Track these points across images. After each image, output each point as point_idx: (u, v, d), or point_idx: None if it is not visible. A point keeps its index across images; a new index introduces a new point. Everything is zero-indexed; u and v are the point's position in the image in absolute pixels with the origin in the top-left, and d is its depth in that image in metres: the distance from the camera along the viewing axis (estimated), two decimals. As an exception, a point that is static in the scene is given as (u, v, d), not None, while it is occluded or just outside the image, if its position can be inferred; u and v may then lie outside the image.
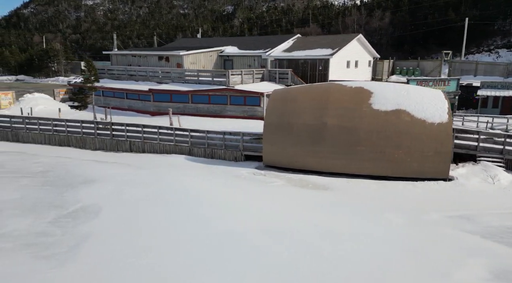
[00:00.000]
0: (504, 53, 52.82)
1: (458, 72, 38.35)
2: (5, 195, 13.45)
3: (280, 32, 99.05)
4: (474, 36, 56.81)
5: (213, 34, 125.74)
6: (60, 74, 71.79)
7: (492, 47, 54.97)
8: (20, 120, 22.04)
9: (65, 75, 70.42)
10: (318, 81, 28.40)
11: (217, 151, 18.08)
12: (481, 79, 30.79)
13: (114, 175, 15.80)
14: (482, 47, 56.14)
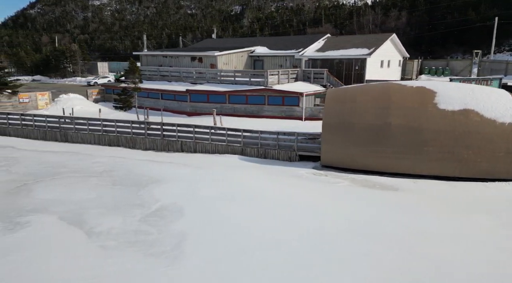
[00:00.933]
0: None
1: (488, 71, 38.42)
2: (82, 194, 13.71)
3: (292, 33, 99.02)
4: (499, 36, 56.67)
5: (223, 35, 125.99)
6: (77, 75, 72.26)
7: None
8: (69, 120, 22.35)
9: (81, 76, 70.93)
10: (354, 81, 28.55)
11: (270, 151, 18.28)
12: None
13: (178, 174, 16.05)
14: (504, 46, 55.99)
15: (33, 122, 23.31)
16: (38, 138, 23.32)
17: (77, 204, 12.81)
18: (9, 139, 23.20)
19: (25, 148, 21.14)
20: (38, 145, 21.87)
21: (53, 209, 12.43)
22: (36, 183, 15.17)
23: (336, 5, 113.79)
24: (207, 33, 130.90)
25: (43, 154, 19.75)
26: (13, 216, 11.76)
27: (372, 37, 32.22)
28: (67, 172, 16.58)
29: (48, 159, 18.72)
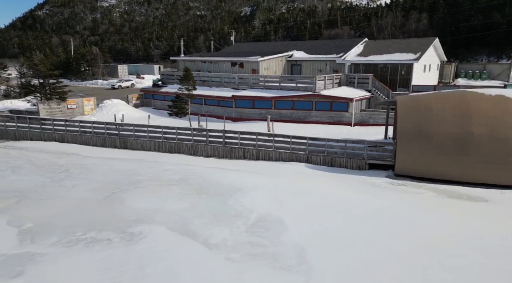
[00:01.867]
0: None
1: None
2: (175, 204, 13.93)
3: (308, 34, 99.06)
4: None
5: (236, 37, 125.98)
6: (97, 77, 72.71)
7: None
8: (130, 127, 22.63)
9: (102, 78, 71.37)
10: (399, 85, 28.66)
11: (338, 159, 18.43)
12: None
13: (256, 183, 16.24)
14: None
15: (92, 129, 23.61)
16: (97, 144, 23.63)
17: (176, 214, 13.04)
18: (69, 145, 23.53)
19: (90, 155, 21.44)
20: (101, 152, 22.15)
21: (157, 219, 12.67)
22: (123, 192, 15.40)
23: (350, 7, 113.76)
24: (219, 34, 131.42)
25: (111, 161, 20.03)
26: (124, 227, 12.00)
27: (414, 41, 32.27)
28: (145, 180, 16.81)
29: (119, 167, 18.98)
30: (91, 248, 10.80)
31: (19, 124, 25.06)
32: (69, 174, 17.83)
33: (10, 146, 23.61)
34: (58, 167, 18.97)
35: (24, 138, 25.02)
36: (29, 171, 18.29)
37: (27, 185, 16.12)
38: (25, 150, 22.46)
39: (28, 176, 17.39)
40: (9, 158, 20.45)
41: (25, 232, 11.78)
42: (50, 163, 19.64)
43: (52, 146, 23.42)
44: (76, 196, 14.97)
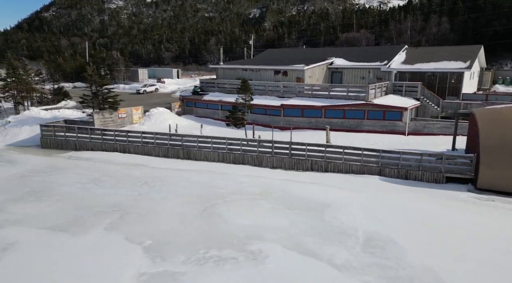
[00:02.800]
0: None
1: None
2: (274, 220, 14.21)
3: (323, 37, 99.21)
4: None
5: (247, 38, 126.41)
6: (117, 82, 72.95)
7: None
8: (194, 138, 22.95)
9: (124, 83, 71.74)
10: (448, 94, 28.94)
11: (413, 172, 18.69)
12: None
13: (342, 198, 16.51)
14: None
15: (154, 140, 23.94)
16: (160, 155, 23.97)
17: (283, 231, 13.35)
18: (132, 156, 23.87)
19: (158, 166, 21.75)
20: (167, 163, 22.47)
21: (267, 236, 13.00)
22: (214, 206, 15.72)
23: (363, 9, 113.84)
24: (230, 37, 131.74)
25: (183, 173, 20.33)
26: (239, 244, 12.35)
27: (458, 49, 32.51)
28: (229, 194, 17.12)
29: (194, 179, 19.29)
30: (222, 267, 11.14)
31: (79, 134, 25.40)
32: (151, 187, 18.15)
33: (75, 156, 23.96)
34: (136, 180, 19.28)
35: (85, 149, 25.38)
36: (111, 184, 18.61)
37: (120, 199, 16.44)
38: (92, 161, 22.79)
39: (114, 190, 17.71)
40: (83, 170, 20.77)
41: (149, 249, 12.11)
42: (126, 175, 19.95)
43: (117, 157, 23.76)
44: (172, 211, 15.28)
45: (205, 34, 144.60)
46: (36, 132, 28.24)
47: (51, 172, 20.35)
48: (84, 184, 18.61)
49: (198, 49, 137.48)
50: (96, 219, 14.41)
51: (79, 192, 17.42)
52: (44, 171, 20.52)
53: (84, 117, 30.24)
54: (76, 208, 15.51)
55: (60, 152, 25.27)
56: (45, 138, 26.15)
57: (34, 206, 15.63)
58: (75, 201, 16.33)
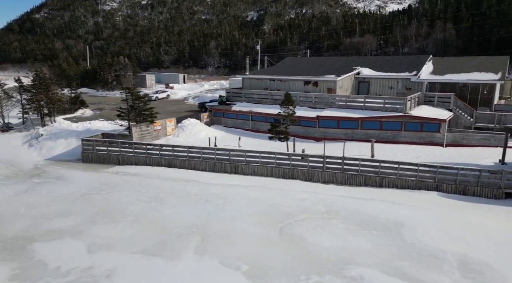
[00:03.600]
0: None
1: None
2: (357, 242, 14.43)
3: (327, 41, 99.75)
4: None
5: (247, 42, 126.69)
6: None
7: None
8: (242, 153, 23.06)
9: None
10: (480, 104, 29.56)
11: (471, 187, 19.10)
12: None
13: (409, 216, 16.73)
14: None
15: (201, 155, 23.97)
16: (206, 169, 24.00)
17: (372, 255, 13.59)
18: (180, 171, 23.83)
19: (210, 181, 21.79)
20: (217, 178, 22.50)
21: (360, 260, 13.20)
22: (290, 226, 15.95)
23: (364, 14, 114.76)
24: (230, 40, 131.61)
25: (239, 189, 20.39)
26: (335, 269, 12.91)
27: (486, 60, 33.16)
28: (297, 212, 17.30)
29: (254, 196, 19.40)
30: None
31: (122, 149, 25.27)
32: (215, 206, 18.20)
33: (121, 172, 23.81)
34: (196, 197, 19.31)
35: (128, 163, 25.27)
36: (174, 202, 18.60)
37: (192, 220, 16.49)
38: (141, 176, 22.70)
39: (180, 209, 17.72)
40: (138, 187, 20.70)
41: (249, 275, 12.26)
42: (184, 193, 19.95)
43: (164, 172, 23.70)
44: (250, 232, 15.40)
45: (204, 37, 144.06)
46: (72, 146, 28.04)
47: (108, 189, 20.25)
48: (148, 202, 18.59)
49: (198, 52, 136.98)
50: (181, 242, 14.45)
51: (148, 212, 17.39)
52: (101, 188, 20.40)
53: (118, 129, 30.06)
54: (155, 230, 15.51)
55: (103, 167, 25.09)
56: (86, 152, 25.95)
57: (113, 228, 15.59)
58: (150, 222, 16.33)
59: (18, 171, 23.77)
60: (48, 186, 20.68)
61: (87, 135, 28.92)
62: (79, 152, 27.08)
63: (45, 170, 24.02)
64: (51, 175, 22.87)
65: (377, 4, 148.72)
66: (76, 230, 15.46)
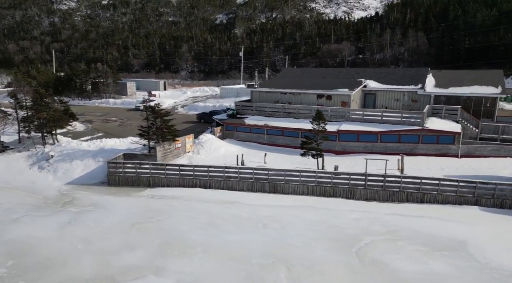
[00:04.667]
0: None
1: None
2: (439, 267, 15.02)
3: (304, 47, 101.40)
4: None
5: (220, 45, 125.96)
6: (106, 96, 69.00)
7: (532, 67, 61.73)
8: (281, 172, 23.11)
9: (113, 97, 68.18)
10: (483, 116, 31.70)
11: (507, 201, 20.54)
12: None
13: (468, 234, 17.67)
14: (522, 66, 62.72)
15: (238, 174, 23.67)
16: (244, 189, 23.75)
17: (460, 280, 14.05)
18: (217, 192, 23.38)
19: (254, 203, 21.64)
20: (259, 198, 22.43)
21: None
22: (364, 251, 16.26)
23: (335, 20, 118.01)
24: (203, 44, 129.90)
25: (288, 210, 20.47)
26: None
27: (484, 73, 35.52)
28: (360, 235, 17.67)
29: (307, 217, 19.64)
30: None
31: (153, 170, 24.33)
32: (275, 230, 18.19)
33: (157, 195, 22.90)
34: (250, 221, 19.15)
35: (160, 185, 24.40)
36: (231, 228, 18.34)
37: (262, 248, 16.50)
38: (181, 200, 22.03)
39: (243, 235, 17.56)
40: (185, 212, 20.11)
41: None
42: (235, 217, 19.71)
43: (202, 193, 23.14)
44: (330, 259, 15.62)
45: (174, 40, 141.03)
46: (91, 167, 26.55)
47: (156, 217, 19.47)
48: (205, 229, 18.13)
49: (170, 56, 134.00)
50: (269, 274, 14.31)
51: (213, 241, 16.97)
52: (147, 216, 19.57)
53: (136, 148, 28.84)
54: (233, 261, 15.22)
55: (133, 190, 24.01)
56: (113, 175, 24.69)
57: (190, 261, 15.14)
58: (221, 252, 15.98)
59: (45, 199, 22.12)
60: (91, 216, 19.47)
61: (104, 155, 27.53)
62: (100, 175, 25.74)
63: (74, 196, 22.56)
64: (84, 202, 21.53)
65: (344, 10, 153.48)
66: (153, 265, 14.77)
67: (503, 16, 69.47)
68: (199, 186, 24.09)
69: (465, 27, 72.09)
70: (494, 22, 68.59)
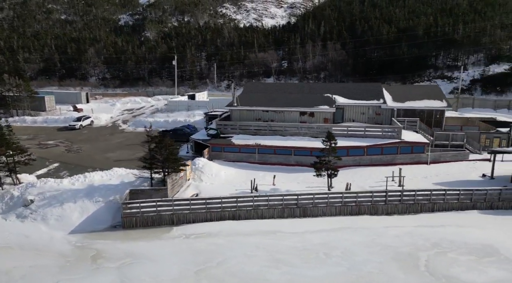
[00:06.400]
0: (439, 82, 71.56)
1: (460, 105, 53.18)
2: (500, 275, 17.32)
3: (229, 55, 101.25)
4: (416, 68, 75.12)
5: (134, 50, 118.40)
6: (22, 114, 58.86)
7: (430, 78, 73.78)
8: (310, 196, 23.71)
9: (29, 114, 58.42)
10: (434, 126, 37.20)
11: (495, 202, 24.86)
12: (478, 111, 46.06)
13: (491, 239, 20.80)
14: (422, 77, 74.49)
15: (268, 202, 23.36)
16: (274, 216, 23.55)
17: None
18: (249, 223, 22.74)
19: (294, 230, 21.99)
20: (296, 224, 22.57)
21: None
22: (433, 270, 18.03)
23: (252, 27, 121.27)
24: (114, 48, 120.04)
25: (331, 234, 21.33)
26: None
27: (428, 88, 41.43)
28: (413, 252, 19.32)
29: (358, 240, 20.75)
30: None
31: (176, 207, 22.27)
32: (341, 258, 18.93)
33: (192, 234, 21.04)
34: (308, 252, 19.52)
35: (185, 222, 22.50)
36: (298, 262, 18.55)
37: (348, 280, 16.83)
38: (221, 236, 20.98)
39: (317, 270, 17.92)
40: (239, 250, 19.28)
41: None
42: (292, 248, 19.79)
43: (236, 226, 22.25)
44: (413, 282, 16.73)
45: (75, 43, 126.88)
46: (90, 210, 22.98)
47: (211, 260, 18.38)
48: (276, 267, 17.87)
49: (74, 60, 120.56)
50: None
51: (298, 279, 16.84)
52: (201, 260, 18.32)
53: (135, 181, 25.85)
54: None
55: (158, 231, 21.63)
56: (129, 217, 21.79)
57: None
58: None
59: (63, 257, 18.34)
60: (139, 270, 17.06)
61: (100, 194, 24.09)
62: (106, 217, 22.51)
63: (95, 248, 19.25)
64: (115, 254, 18.61)
65: (254, 17, 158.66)
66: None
67: (401, 33, 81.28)
68: (228, 218, 23.03)
69: (374, 41, 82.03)
70: (396, 38, 79.78)
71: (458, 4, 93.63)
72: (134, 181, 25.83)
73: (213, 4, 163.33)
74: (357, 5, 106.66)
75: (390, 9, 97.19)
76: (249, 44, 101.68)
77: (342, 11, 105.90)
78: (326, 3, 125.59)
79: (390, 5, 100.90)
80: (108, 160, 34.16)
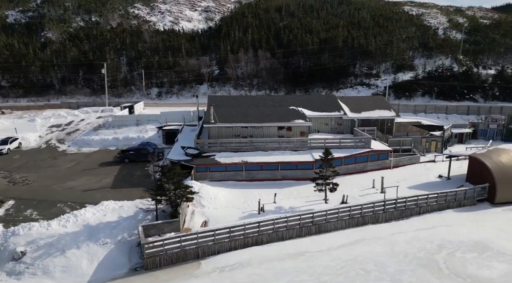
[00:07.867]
0: (360, 88, 79.83)
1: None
2: (507, 269, 20.50)
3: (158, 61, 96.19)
4: (340, 76, 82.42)
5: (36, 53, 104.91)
6: None
7: (352, 84, 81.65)
8: (323, 213, 24.64)
9: None
10: (386, 133, 41.67)
11: (462, 201, 29.29)
12: (403, 115, 53.92)
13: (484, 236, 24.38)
14: (345, 84, 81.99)
15: (287, 223, 23.58)
16: (294, 236, 23.97)
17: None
18: (271, 246, 22.61)
19: (319, 249, 22.99)
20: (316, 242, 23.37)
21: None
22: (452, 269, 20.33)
23: (173, 31, 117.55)
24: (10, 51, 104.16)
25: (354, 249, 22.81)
26: None
27: (376, 98, 45.96)
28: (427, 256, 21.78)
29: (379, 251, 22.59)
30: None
31: (200, 239, 20.93)
32: (380, 272, 20.46)
33: (224, 267, 20.14)
34: (348, 270, 20.42)
35: (210, 253, 21.31)
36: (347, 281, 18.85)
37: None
38: (254, 266, 20.63)
39: None
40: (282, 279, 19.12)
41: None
42: (329, 269, 20.72)
43: (261, 252, 21.99)
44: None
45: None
46: (100, 255, 20.21)
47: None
48: None
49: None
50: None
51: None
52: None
53: (130, 216, 23.38)
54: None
55: (186, 268, 20.10)
56: (152, 257, 19.67)
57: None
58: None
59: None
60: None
61: (105, 234, 21.28)
62: (121, 260, 20.03)
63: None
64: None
65: (170, 20, 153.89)
66: None
67: (323, 44, 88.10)
68: (251, 245, 22.56)
69: (301, 51, 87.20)
70: (319, 49, 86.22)
71: (363, 17, 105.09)
72: (135, 215, 23.40)
73: (123, 3, 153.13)
74: (274, 14, 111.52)
75: (308, 20, 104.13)
76: (175, 49, 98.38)
77: (261, 19, 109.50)
78: (244, 10, 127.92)
79: (307, 16, 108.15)
80: (73, 191, 29.87)
